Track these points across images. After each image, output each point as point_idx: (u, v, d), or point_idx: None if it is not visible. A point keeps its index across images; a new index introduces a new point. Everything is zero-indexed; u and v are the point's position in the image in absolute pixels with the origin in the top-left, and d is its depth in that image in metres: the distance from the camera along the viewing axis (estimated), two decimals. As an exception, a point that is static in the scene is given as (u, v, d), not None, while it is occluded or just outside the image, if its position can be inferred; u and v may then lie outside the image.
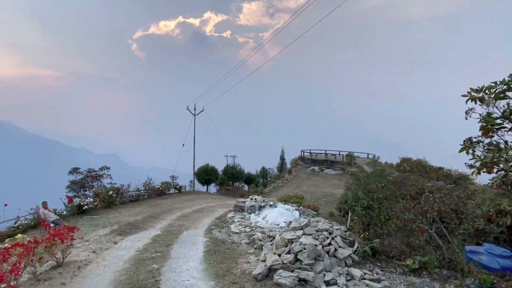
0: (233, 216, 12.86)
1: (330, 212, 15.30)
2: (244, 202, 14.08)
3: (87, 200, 15.46)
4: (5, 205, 12.78)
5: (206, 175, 26.09)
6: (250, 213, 13.20)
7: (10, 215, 13.23)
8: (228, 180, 29.68)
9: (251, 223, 11.45)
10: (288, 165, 42.30)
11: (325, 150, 38.82)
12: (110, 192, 16.59)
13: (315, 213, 12.49)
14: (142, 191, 19.18)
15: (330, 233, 7.32)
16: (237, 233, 10.06)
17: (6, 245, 4.87)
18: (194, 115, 27.37)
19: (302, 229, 7.51)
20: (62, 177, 19.61)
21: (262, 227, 10.79)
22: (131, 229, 10.16)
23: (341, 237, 7.29)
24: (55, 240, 5.91)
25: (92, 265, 6.54)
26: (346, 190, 17.32)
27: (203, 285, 5.54)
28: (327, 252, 6.65)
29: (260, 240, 8.68)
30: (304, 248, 6.50)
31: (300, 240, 6.85)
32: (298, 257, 6.41)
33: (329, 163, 35.79)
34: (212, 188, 29.67)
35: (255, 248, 8.09)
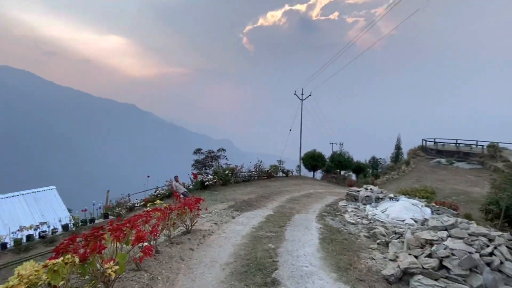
0: (346, 206, 11.82)
1: (467, 213, 12.33)
2: (358, 191, 12.79)
3: (208, 177, 17.26)
4: (148, 176, 15.46)
5: (312, 160, 25.44)
6: (365, 204, 11.88)
7: (151, 185, 15.96)
8: (335, 168, 28.20)
9: (367, 215, 10.23)
10: (405, 156, 37.23)
11: (456, 140, 32.10)
12: (227, 172, 18.03)
13: (455, 212, 10.14)
14: (253, 173, 20.17)
15: (490, 240, 5.55)
16: (353, 223, 9.10)
17: (147, 208, 5.49)
18: (302, 100, 26.88)
19: (446, 229, 5.97)
20: (188, 157, 22.45)
21: (382, 221, 9.44)
22: (246, 207, 10.57)
23: (507, 247, 5.44)
24: (185, 209, 6.44)
25: (214, 236, 6.92)
26: (494, 189, 13.65)
27: (324, 275, 4.98)
28: (488, 264, 5.03)
29: (384, 236, 7.51)
30: (453, 254, 5.08)
31: (445, 243, 5.42)
32: (444, 263, 5.06)
33: (462, 155, 29.47)
34: (317, 174, 28.87)
35: (378, 244, 7.01)
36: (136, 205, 13.87)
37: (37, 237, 9.70)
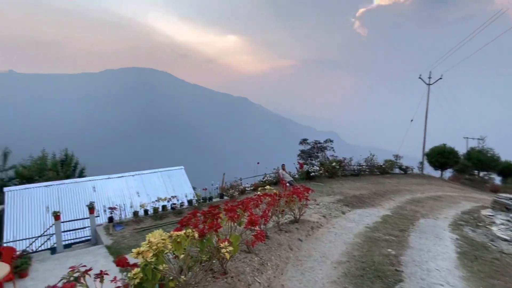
0: (492, 216, 9.27)
1: None
2: (511, 199, 9.85)
3: (313, 168, 16.81)
4: (258, 163, 16.18)
5: (441, 157, 21.27)
6: (524, 217, 9.02)
7: (259, 171, 16.67)
8: (472, 168, 22.89)
9: (529, 232, 7.69)
10: None
11: None
12: (334, 164, 17.12)
13: None
14: (364, 167, 18.51)
15: None
16: (505, 240, 6.98)
17: (258, 192, 5.50)
18: (428, 84, 22.77)
19: None
20: (293, 148, 22.55)
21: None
22: (357, 203, 9.65)
23: None
24: (293, 197, 6.22)
25: (323, 229, 6.48)
26: None
27: (471, 303, 3.85)
28: None
29: None
30: None
31: None
32: None
33: None
34: (446, 174, 24.12)
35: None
36: (247, 188, 14.76)
37: (169, 208, 11.48)
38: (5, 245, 9.88)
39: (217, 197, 13.11)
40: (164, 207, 11.42)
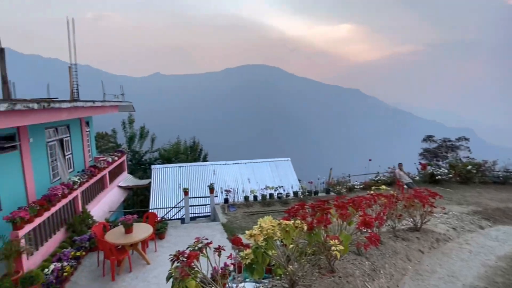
0: None
1: None
2: None
3: (440, 171, 14.28)
4: (369, 160, 14.93)
5: None
6: None
7: (371, 169, 15.34)
8: None
9: None
10: None
11: None
12: (469, 167, 14.07)
13: None
14: (514, 174, 14.50)
15: None
16: None
17: (371, 192, 5.02)
18: None
19: None
20: (411, 145, 19.75)
21: None
22: (501, 217, 7.64)
23: None
24: (414, 202, 5.42)
25: (452, 244, 5.42)
26: None
27: None
28: None
29: None
30: None
31: None
32: None
33: None
34: None
35: None
36: (355, 186, 13.89)
37: (276, 197, 11.97)
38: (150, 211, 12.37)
39: (323, 191, 12.82)
40: (271, 195, 11.98)
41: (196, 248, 2.36)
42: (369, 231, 3.71)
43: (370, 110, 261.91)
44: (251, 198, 11.81)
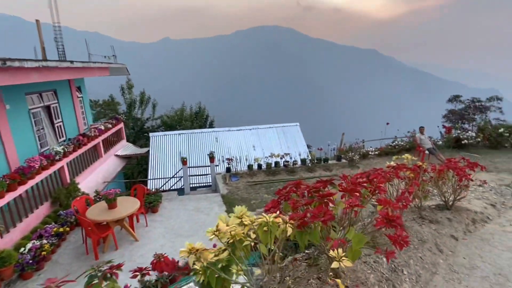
0: None
1: None
2: None
3: (467, 134, 12.79)
4: (387, 123, 13.52)
5: None
6: None
7: (388, 134, 13.99)
8: None
9: None
10: None
11: None
12: (501, 130, 12.50)
13: None
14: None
15: None
16: None
17: (392, 163, 3.88)
18: None
19: None
20: (435, 107, 18.00)
21: None
22: (548, 189, 6.38)
23: None
24: (446, 174, 4.27)
25: (493, 226, 4.33)
26: None
27: None
28: None
29: None
30: None
31: None
32: None
33: None
34: None
35: None
36: (370, 153, 12.70)
37: (282, 165, 11.00)
38: (139, 184, 11.69)
39: (333, 159, 11.74)
40: (277, 163, 11.02)
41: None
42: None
43: (388, 71, 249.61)
44: (255, 166, 10.90)
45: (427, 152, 11.45)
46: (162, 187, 11.55)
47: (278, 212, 2.05)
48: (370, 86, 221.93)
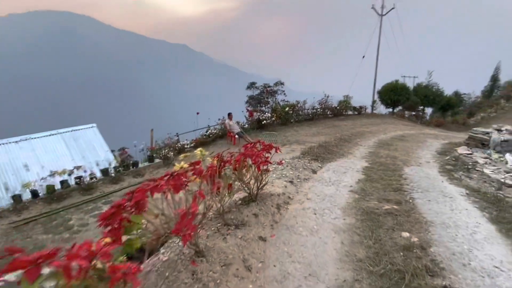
0: (471, 154, 8.05)
1: None
2: (487, 133, 8.77)
3: (265, 115, 14.44)
4: (197, 113, 13.14)
5: (394, 94, 20.38)
6: (504, 152, 7.97)
7: (202, 124, 13.72)
8: (419, 104, 22.89)
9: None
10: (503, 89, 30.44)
11: None
12: (287, 109, 14.92)
13: None
14: (318, 110, 16.72)
15: None
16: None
17: (179, 166, 2.73)
18: (381, 15, 20.85)
19: None
20: (240, 97, 19.82)
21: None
22: (325, 154, 7.53)
23: None
24: (246, 162, 3.64)
25: (294, 206, 4.14)
26: None
27: None
28: None
29: None
30: None
31: None
32: None
33: None
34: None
35: None
36: (186, 146, 11.88)
37: (73, 183, 8.17)
38: None
39: (145, 161, 10.04)
40: (63, 182, 8.06)
41: None
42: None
43: (199, 66, 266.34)
44: (25, 196, 7.49)
45: (237, 136, 11.88)
46: None
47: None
48: (182, 80, 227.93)
